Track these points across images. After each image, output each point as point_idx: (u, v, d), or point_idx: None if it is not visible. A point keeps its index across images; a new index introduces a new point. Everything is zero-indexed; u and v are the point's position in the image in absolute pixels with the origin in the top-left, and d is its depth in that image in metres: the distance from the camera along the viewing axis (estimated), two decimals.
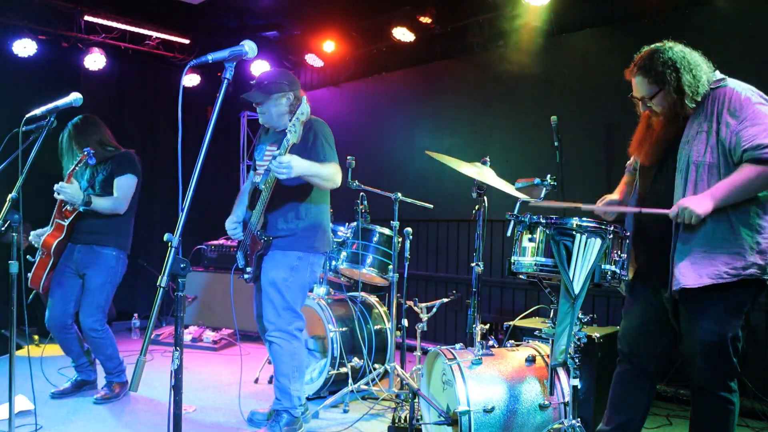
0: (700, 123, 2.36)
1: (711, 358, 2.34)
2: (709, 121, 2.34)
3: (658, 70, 2.35)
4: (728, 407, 2.36)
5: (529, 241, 2.39)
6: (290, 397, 3.19)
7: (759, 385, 3.73)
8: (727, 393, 2.36)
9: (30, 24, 5.72)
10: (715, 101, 2.34)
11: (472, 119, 5.48)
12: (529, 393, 2.66)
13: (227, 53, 1.90)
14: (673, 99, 2.36)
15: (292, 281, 3.18)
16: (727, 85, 2.36)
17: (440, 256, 5.74)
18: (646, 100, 2.44)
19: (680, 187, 2.38)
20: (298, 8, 6.13)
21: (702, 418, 2.43)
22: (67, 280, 3.76)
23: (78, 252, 3.76)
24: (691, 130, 2.38)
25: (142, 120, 7.12)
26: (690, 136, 2.38)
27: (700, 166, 2.33)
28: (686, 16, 4.15)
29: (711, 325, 2.32)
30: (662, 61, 2.36)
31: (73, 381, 3.95)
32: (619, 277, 2.34)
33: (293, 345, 3.19)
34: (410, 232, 3.96)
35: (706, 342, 2.33)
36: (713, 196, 2.26)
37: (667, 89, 2.35)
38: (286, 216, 3.20)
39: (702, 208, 2.24)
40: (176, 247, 1.71)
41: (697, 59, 2.39)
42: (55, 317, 3.72)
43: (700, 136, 2.35)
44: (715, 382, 2.36)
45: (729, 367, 2.35)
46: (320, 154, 3.12)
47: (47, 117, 2.60)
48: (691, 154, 2.36)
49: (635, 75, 2.44)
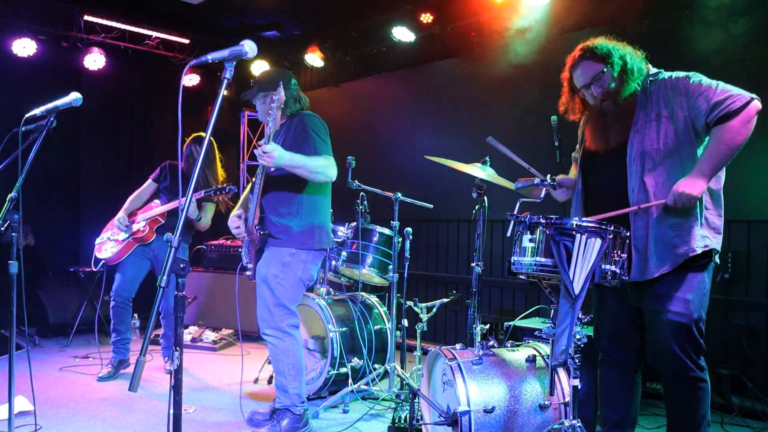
0: (647, 113, 2.46)
1: (680, 342, 2.39)
2: (657, 108, 2.43)
3: (599, 48, 2.49)
4: (701, 385, 2.41)
5: (528, 241, 2.39)
6: (289, 395, 3.19)
7: (759, 385, 3.73)
8: (698, 372, 2.41)
9: (30, 24, 5.73)
10: (659, 91, 2.46)
11: (472, 119, 5.48)
12: (529, 393, 2.66)
13: (227, 53, 1.89)
14: (618, 71, 2.46)
15: (284, 278, 3.16)
16: (664, 75, 2.49)
17: (440, 256, 5.74)
18: (597, 80, 2.50)
19: (635, 175, 2.46)
20: (298, 8, 6.14)
21: (678, 403, 2.46)
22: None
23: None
24: (638, 119, 2.47)
25: (141, 120, 7.12)
26: (639, 125, 2.47)
27: (656, 153, 2.42)
28: (686, 16, 4.15)
29: (676, 307, 2.38)
30: (599, 44, 2.51)
31: (114, 363, 4.32)
32: (619, 277, 2.35)
33: (287, 342, 3.18)
34: (410, 232, 3.96)
35: (672, 325, 2.38)
36: (702, 173, 2.32)
37: (610, 62, 2.46)
38: (278, 212, 3.20)
39: (697, 189, 2.30)
40: (176, 247, 1.71)
41: (627, 47, 2.53)
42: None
43: (650, 125, 2.44)
44: (687, 365, 2.40)
45: (696, 346, 2.40)
46: (310, 147, 3.09)
47: (47, 117, 2.59)
48: (644, 143, 2.44)
49: (579, 63, 2.54)
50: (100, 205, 5.32)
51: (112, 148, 6.97)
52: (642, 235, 2.45)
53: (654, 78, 2.50)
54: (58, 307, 5.60)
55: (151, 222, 4.26)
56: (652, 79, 2.50)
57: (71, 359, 4.83)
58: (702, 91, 2.36)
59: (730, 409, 3.66)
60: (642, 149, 2.44)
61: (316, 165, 3.03)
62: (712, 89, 2.34)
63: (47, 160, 2.97)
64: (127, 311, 4.37)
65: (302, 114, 3.23)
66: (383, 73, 6.31)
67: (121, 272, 4.35)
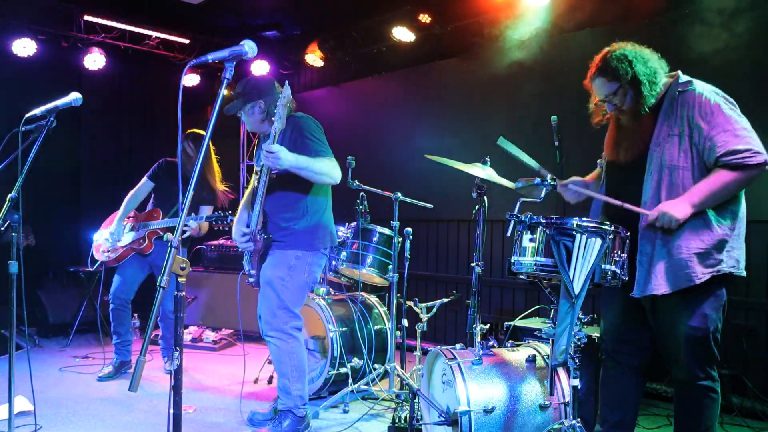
0: (670, 126, 2.40)
1: (695, 353, 2.38)
2: (680, 125, 2.37)
3: (613, 66, 2.43)
4: (712, 396, 2.40)
5: (529, 241, 2.39)
6: (292, 396, 3.19)
7: (759, 385, 3.73)
8: (710, 382, 2.40)
9: (30, 24, 5.72)
10: (685, 105, 2.38)
11: (472, 119, 5.47)
12: (529, 393, 2.66)
13: (227, 53, 1.90)
14: (632, 91, 2.41)
15: (289, 281, 3.16)
16: (695, 89, 2.39)
17: (440, 256, 5.74)
18: (610, 99, 2.48)
19: (650, 188, 2.42)
20: (298, 8, 6.13)
21: (687, 410, 2.45)
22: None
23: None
24: (661, 132, 2.43)
25: (141, 120, 7.12)
26: (661, 138, 2.42)
27: (675, 170, 2.37)
28: (686, 16, 4.15)
29: (694, 322, 2.35)
30: (615, 57, 2.43)
31: (115, 364, 4.32)
32: (619, 278, 2.35)
33: (290, 344, 3.18)
34: (410, 232, 3.96)
35: (689, 338, 2.36)
36: (691, 201, 2.30)
37: (623, 83, 2.41)
38: (284, 214, 3.19)
39: (681, 213, 2.29)
40: (176, 247, 1.71)
41: (647, 53, 2.45)
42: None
43: (672, 140, 2.39)
44: (699, 374, 2.39)
45: (711, 357, 2.39)
46: (311, 151, 3.05)
47: (47, 117, 2.59)
48: (663, 157, 2.40)
49: (594, 78, 2.51)
50: (100, 205, 5.31)
51: (112, 148, 6.97)
52: (648, 251, 2.42)
53: (684, 89, 2.41)
54: (58, 307, 5.60)
55: (150, 233, 4.24)
56: (681, 90, 2.41)
57: (71, 359, 4.83)
58: (727, 129, 2.29)
59: (730, 409, 3.66)
60: (661, 163, 2.40)
61: (321, 167, 3.01)
62: (736, 132, 2.28)
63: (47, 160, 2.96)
64: (126, 313, 4.37)
65: (295, 117, 3.18)
66: (383, 73, 6.30)
67: (120, 274, 4.35)
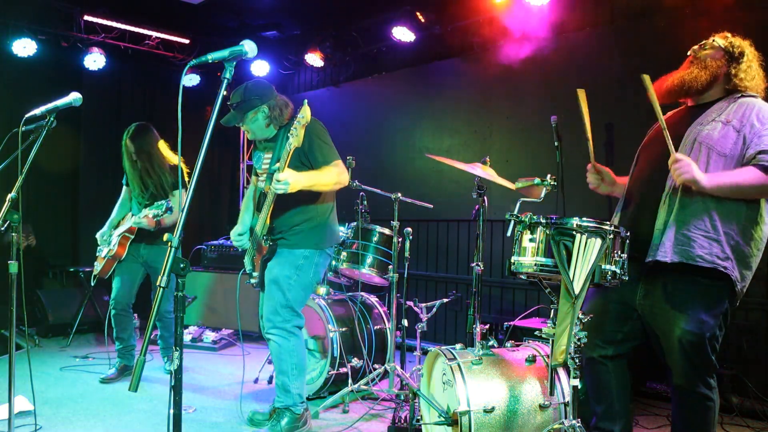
0: (719, 113, 2.41)
1: (690, 358, 2.36)
2: (734, 117, 2.37)
3: (731, 41, 2.49)
4: (708, 404, 2.38)
5: (529, 241, 2.39)
6: (291, 394, 3.19)
7: (759, 385, 3.73)
8: (706, 390, 2.38)
9: (30, 24, 5.72)
10: (743, 107, 2.39)
11: (472, 119, 5.48)
12: (529, 393, 2.66)
13: (227, 53, 1.90)
14: (727, 63, 2.45)
15: (296, 280, 3.17)
16: (756, 98, 2.43)
17: (440, 256, 5.74)
18: (709, 53, 2.49)
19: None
20: (298, 8, 6.13)
21: (683, 417, 2.44)
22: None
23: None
24: (707, 116, 2.43)
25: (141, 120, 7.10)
26: (705, 120, 2.43)
27: (712, 150, 2.35)
28: (686, 16, 4.14)
29: (689, 325, 2.33)
30: (738, 41, 2.50)
31: (117, 367, 4.30)
32: (619, 278, 2.34)
33: (291, 342, 3.19)
34: (410, 232, 3.96)
35: (684, 342, 2.35)
36: (710, 179, 2.27)
37: (728, 53, 2.46)
38: (292, 215, 3.20)
39: (697, 178, 2.24)
40: (176, 247, 1.71)
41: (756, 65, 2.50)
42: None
43: (716, 124, 2.39)
44: (695, 381, 2.37)
45: (708, 365, 2.37)
46: (319, 156, 3.08)
47: (47, 117, 2.59)
48: (701, 133, 2.39)
49: (714, 37, 2.54)
50: (100, 205, 5.30)
51: (112, 148, 6.95)
52: (664, 220, 2.40)
53: (741, 95, 2.44)
54: (58, 307, 5.60)
55: (123, 239, 4.23)
56: (739, 96, 2.44)
57: (71, 359, 4.83)
58: None
59: (730, 409, 3.66)
60: (698, 139, 2.39)
61: (329, 178, 3.06)
62: None
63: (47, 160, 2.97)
64: (128, 318, 4.34)
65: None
66: (383, 73, 6.30)
67: (118, 278, 4.31)
